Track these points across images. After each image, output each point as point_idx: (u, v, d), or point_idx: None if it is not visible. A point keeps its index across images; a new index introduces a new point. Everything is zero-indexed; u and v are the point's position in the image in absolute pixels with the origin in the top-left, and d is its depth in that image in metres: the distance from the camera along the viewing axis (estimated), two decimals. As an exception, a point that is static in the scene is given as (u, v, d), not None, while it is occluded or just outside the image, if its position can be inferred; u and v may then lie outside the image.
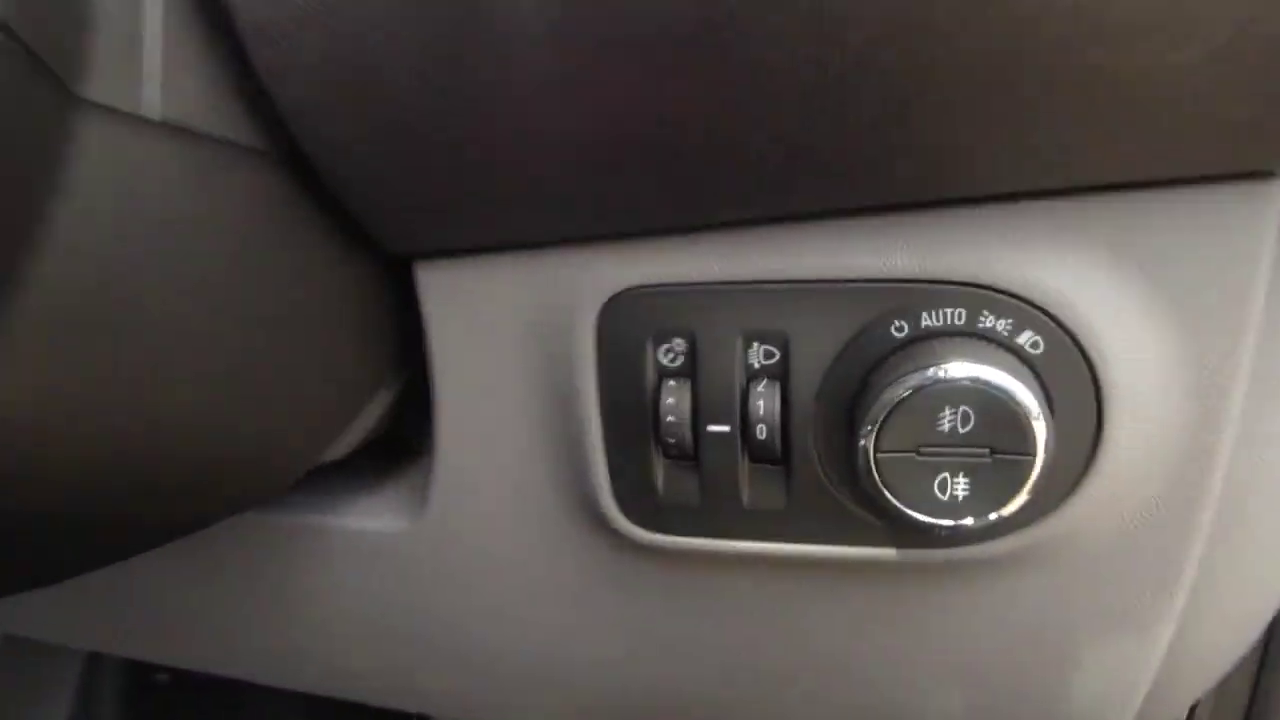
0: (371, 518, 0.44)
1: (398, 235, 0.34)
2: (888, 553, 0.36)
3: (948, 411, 0.31)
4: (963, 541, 0.35)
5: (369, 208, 0.33)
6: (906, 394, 0.31)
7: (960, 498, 0.32)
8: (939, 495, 0.32)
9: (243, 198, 0.31)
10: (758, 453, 0.35)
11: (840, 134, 0.29)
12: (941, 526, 0.32)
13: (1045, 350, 0.32)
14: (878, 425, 0.32)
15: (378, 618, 0.47)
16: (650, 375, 0.35)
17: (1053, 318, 0.32)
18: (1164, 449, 0.34)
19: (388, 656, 0.48)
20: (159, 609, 0.52)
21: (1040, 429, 0.31)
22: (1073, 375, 0.32)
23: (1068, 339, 0.32)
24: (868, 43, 0.27)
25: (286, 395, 0.35)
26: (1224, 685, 0.54)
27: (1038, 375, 0.32)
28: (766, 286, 0.33)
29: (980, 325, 0.32)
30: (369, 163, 0.31)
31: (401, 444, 0.49)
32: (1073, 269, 0.32)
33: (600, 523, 0.38)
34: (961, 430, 0.31)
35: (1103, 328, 0.32)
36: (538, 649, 0.44)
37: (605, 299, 0.35)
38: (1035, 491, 0.32)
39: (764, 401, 0.34)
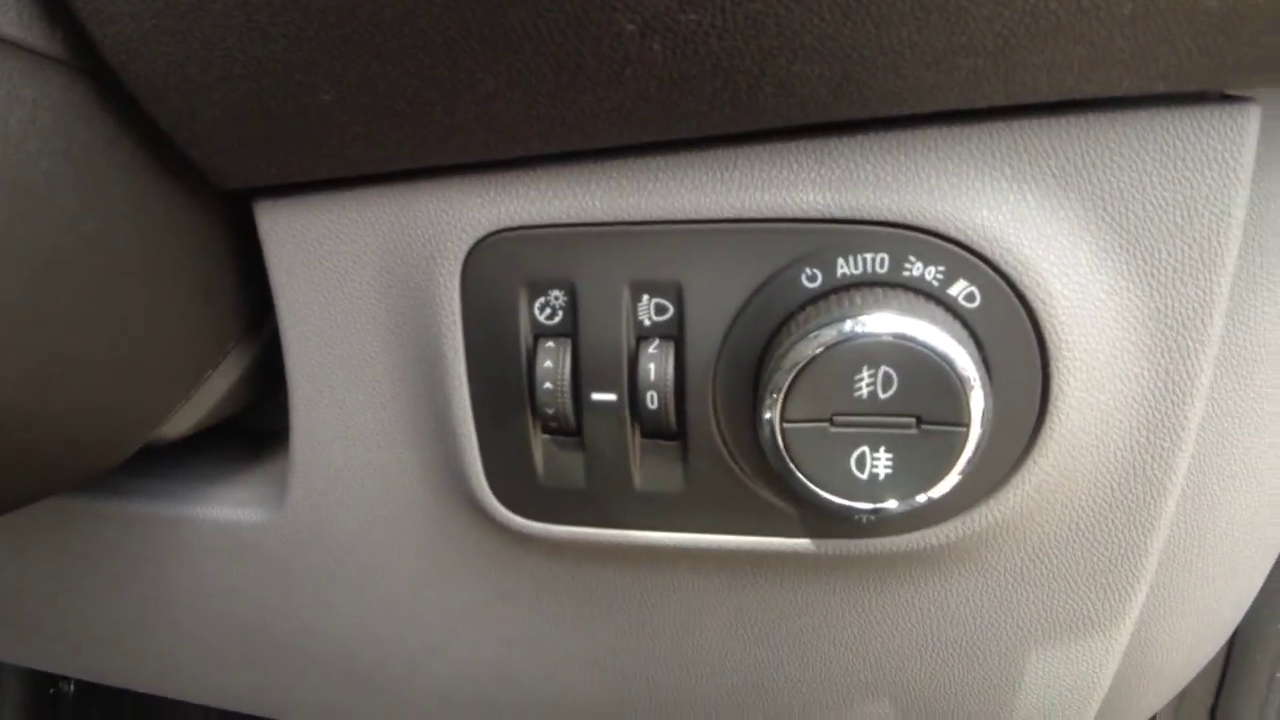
0: (230, 507, 0.39)
1: (224, 164, 0.29)
2: (801, 543, 0.30)
3: (866, 373, 0.26)
4: (887, 531, 0.30)
5: (185, 128, 0.28)
6: (818, 352, 0.26)
7: (881, 476, 0.27)
8: (856, 473, 0.27)
9: (53, 118, 0.25)
10: (649, 426, 0.30)
11: (735, 26, 0.23)
12: (860, 510, 0.27)
13: (981, 303, 0.27)
14: (784, 391, 0.27)
15: (239, 617, 0.41)
16: (525, 334, 0.30)
17: (990, 264, 0.27)
18: (1121, 421, 0.29)
19: (249, 661, 0.43)
20: (13, 608, 0.46)
21: (975, 395, 0.26)
22: (1013, 333, 0.27)
23: (1008, 289, 0.27)
24: None
25: (108, 354, 0.30)
26: (1184, 697, 0.50)
27: (972, 332, 0.27)
28: (657, 228, 0.28)
29: (906, 273, 0.27)
30: (181, 76, 0.26)
31: (266, 430, 0.43)
32: (1013, 207, 0.27)
33: (473, 509, 0.33)
34: (883, 396, 0.26)
35: (1048, 276, 0.27)
36: (408, 651, 0.39)
37: (470, 243, 0.29)
38: (969, 470, 0.27)
39: (655, 365, 0.29)
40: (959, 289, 0.27)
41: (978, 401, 0.26)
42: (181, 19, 0.25)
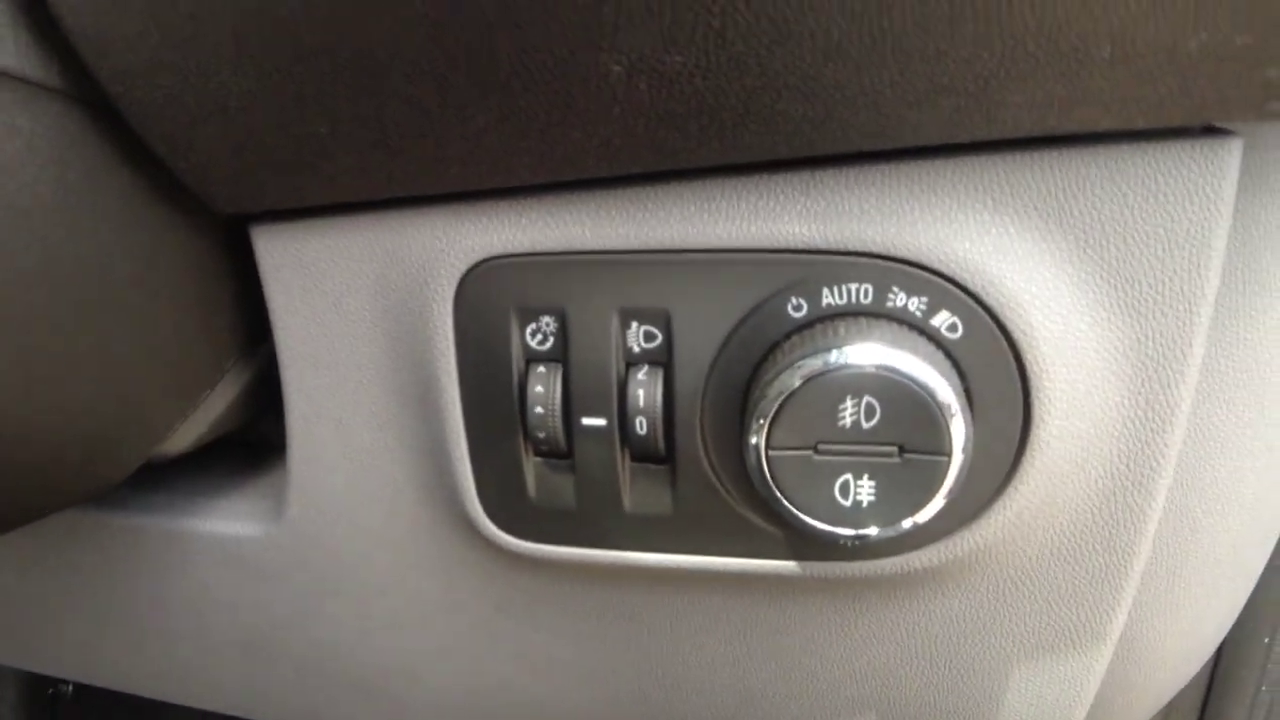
0: (230, 521, 0.39)
1: (220, 191, 0.29)
2: (787, 566, 0.31)
3: (850, 403, 0.27)
4: (871, 555, 0.30)
5: (181, 157, 0.28)
6: (802, 383, 0.27)
7: (865, 503, 0.27)
8: (840, 500, 0.27)
9: (49, 146, 0.26)
10: (639, 450, 0.30)
11: (719, 67, 0.24)
12: (844, 536, 0.28)
13: (964, 333, 0.27)
14: (769, 419, 0.27)
15: (239, 627, 0.41)
16: (516, 359, 0.30)
17: (973, 295, 0.27)
18: (1102, 450, 0.29)
19: (250, 668, 0.43)
20: (18, 615, 0.46)
21: (957, 425, 0.27)
22: (995, 363, 0.28)
23: (990, 321, 0.27)
24: None
25: (107, 374, 0.30)
26: (1171, 710, 0.50)
27: (955, 362, 0.28)
28: (646, 257, 0.29)
29: (889, 304, 0.28)
30: (177, 108, 0.26)
31: (266, 443, 0.43)
32: (995, 239, 0.27)
33: (466, 528, 0.34)
34: (866, 425, 0.27)
35: (1030, 308, 0.27)
36: (405, 664, 0.39)
37: (463, 270, 0.30)
38: (952, 497, 0.27)
39: (644, 391, 0.29)
40: (941, 320, 0.27)
41: (959, 431, 0.27)
42: (176, 51, 0.25)
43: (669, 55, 0.23)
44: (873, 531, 0.28)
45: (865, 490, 0.27)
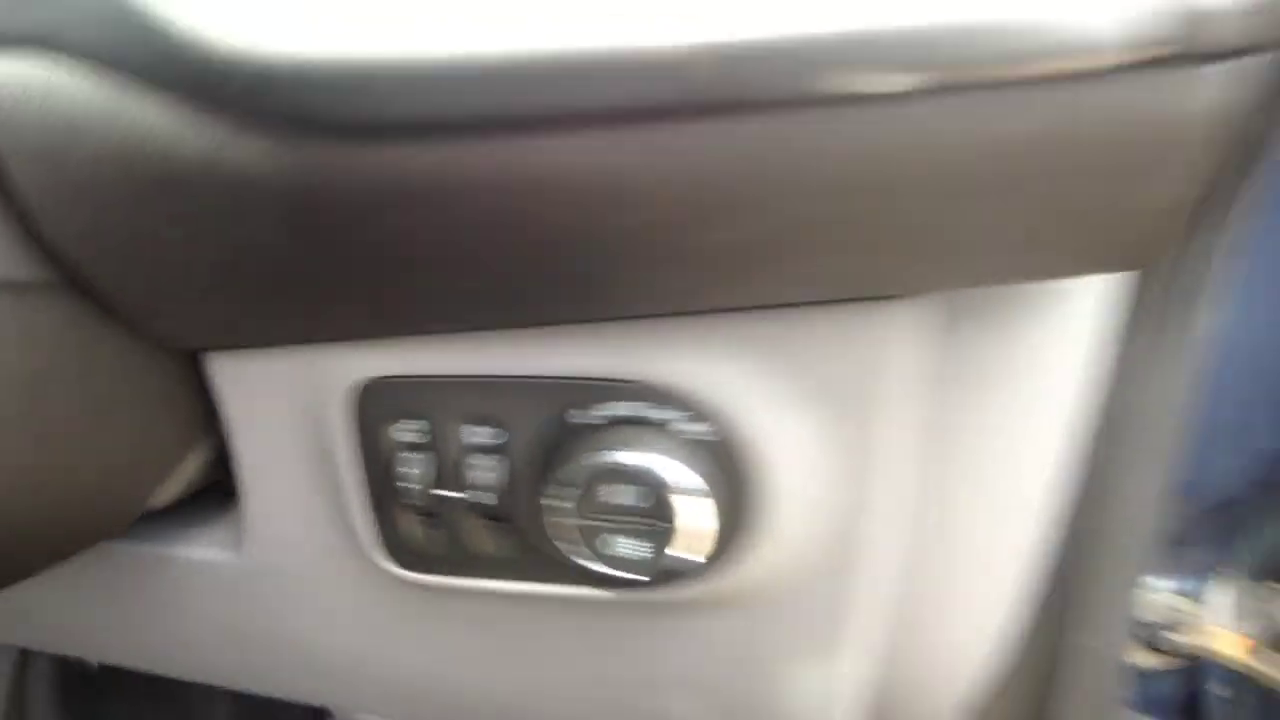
0: (205, 548, 0.52)
1: (176, 339, 0.41)
2: (590, 592, 0.44)
3: (619, 487, 0.39)
4: (644, 587, 0.43)
5: (144, 325, 0.40)
6: (585, 470, 0.39)
7: (628, 557, 0.40)
8: (610, 553, 0.40)
9: (29, 327, 0.38)
10: (485, 512, 0.43)
11: (532, 276, 0.36)
12: (615, 577, 0.40)
13: (704, 438, 0.39)
14: (562, 494, 0.39)
15: (220, 627, 0.55)
16: (398, 451, 0.43)
17: (718, 412, 0.39)
18: (816, 526, 0.41)
19: (233, 659, 0.57)
20: (52, 610, 0.60)
21: (693, 504, 0.39)
22: (733, 462, 0.40)
23: (731, 431, 0.39)
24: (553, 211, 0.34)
25: (94, 470, 0.43)
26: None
27: (696, 459, 0.39)
28: (485, 380, 0.41)
29: (653, 416, 0.40)
30: (139, 291, 0.38)
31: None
32: (737, 369, 0.39)
33: (373, 564, 0.46)
34: (627, 503, 0.39)
35: (756, 422, 0.39)
36: (336, 661, 0.52)
37: (360, 388, 0.42)
38: (690, 553, 0.40)
39: (493, 474, 0.42)
40: (687, 428, 0.39)
41: (697, 508, 0.39)
42: (160, 282, 0.37)
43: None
44: (638, 576, 0.40)
45: (627, 547, 0.39)
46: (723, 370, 0.39)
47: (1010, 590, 0.48)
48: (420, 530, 0.44)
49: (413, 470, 0.42)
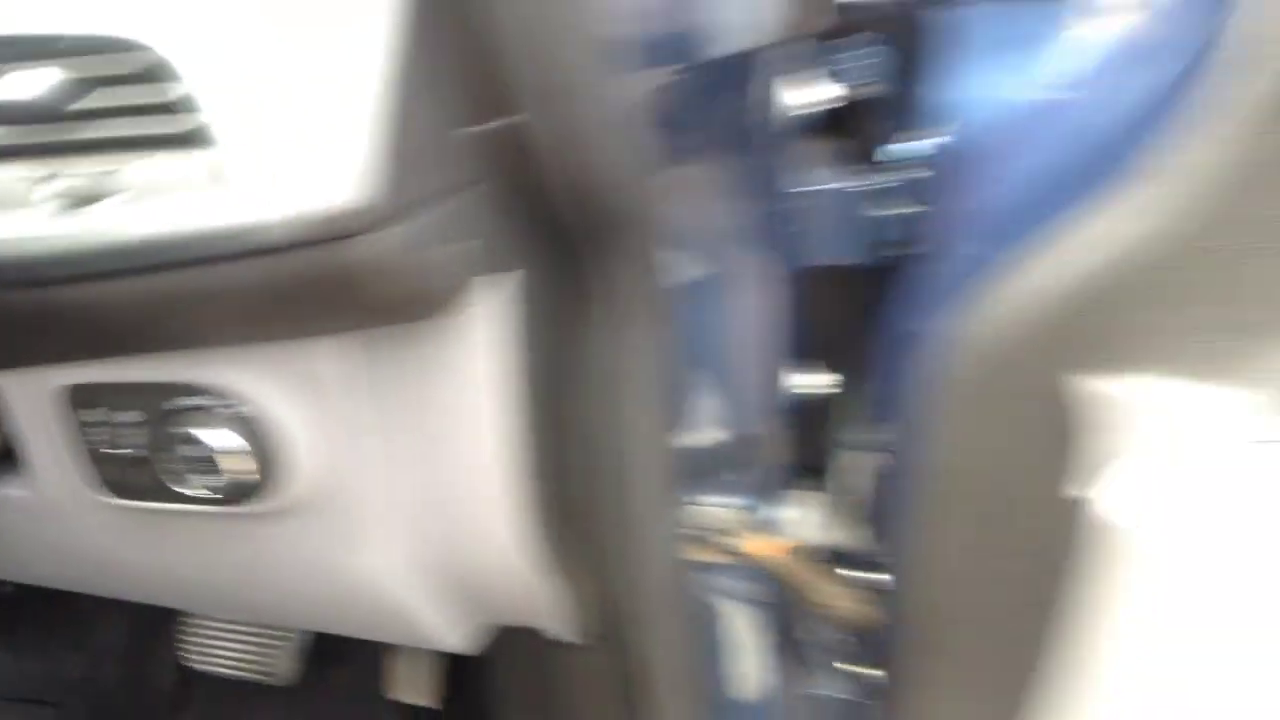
0: (14, 489, 0.82)
1: None
2: (200, 508, 0.74)
3: (198, 444, 0.69)
4: (222, 503, 0.72)
5: None
6: (179, 435, 0.69)
7: (208, 485, 0.70)
8: (199, 484, 0.70)
9: None
10: (135, 461, 0.72)
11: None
12: (202, 497, 0.70)
13: (243, 415, 0.69)
14: (169, 448, 0.69)
15: (43, 545, 0.85)
16: (91, 425, 0.72)
17: (246, 400, 0.69)
18: (319, 463, 0.71)
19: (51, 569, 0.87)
20: None
21: (239, 453, 0.68)
22: (259, 427, 0.69)
23: (255, 410, 0.69)
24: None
25: None
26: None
27: (239, 427, 0.69)
28: (130, 384, 0.71)
29: (211, 404, 0.69)
30: None
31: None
32: (254, 376, 0.68)
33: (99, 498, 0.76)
34: (203, 454, 0.69)
35: (273, 405, 0.69)
36: (92, 567, 0.84)
37: (69, 388, 0.72)
38: (243, 478, 0.69)
39: (135, 437, 0.71)
40: (232, 409, 0.69)
41: (243, 455, 0.69)
42: None
43: None
44: (209, 497, 0.70)
45: (204, 480, 0.70)
46: (250, 375, 0.69)
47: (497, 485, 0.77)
48: (117, 474, 0.74)
49: (101, 436, 0.72)
